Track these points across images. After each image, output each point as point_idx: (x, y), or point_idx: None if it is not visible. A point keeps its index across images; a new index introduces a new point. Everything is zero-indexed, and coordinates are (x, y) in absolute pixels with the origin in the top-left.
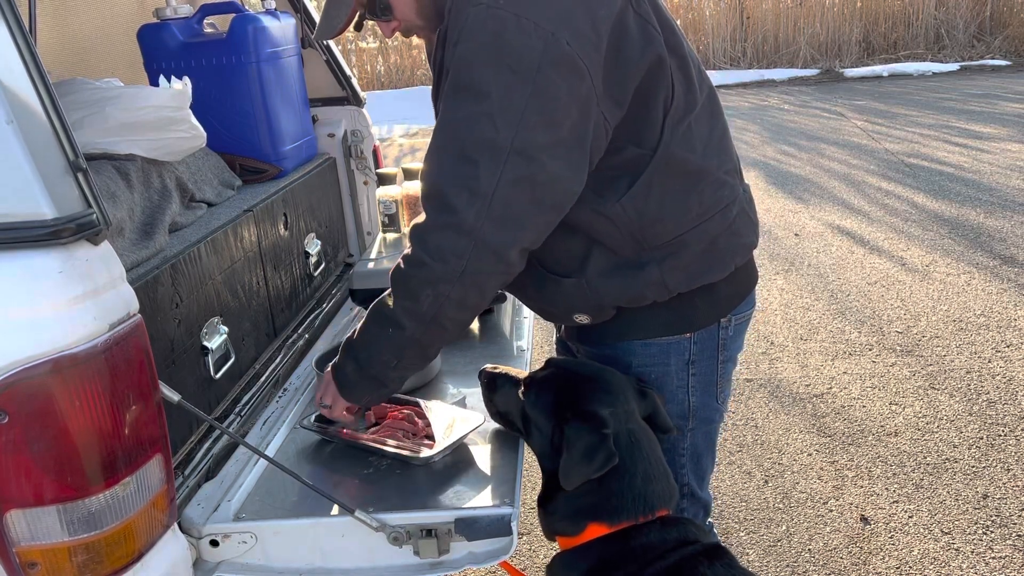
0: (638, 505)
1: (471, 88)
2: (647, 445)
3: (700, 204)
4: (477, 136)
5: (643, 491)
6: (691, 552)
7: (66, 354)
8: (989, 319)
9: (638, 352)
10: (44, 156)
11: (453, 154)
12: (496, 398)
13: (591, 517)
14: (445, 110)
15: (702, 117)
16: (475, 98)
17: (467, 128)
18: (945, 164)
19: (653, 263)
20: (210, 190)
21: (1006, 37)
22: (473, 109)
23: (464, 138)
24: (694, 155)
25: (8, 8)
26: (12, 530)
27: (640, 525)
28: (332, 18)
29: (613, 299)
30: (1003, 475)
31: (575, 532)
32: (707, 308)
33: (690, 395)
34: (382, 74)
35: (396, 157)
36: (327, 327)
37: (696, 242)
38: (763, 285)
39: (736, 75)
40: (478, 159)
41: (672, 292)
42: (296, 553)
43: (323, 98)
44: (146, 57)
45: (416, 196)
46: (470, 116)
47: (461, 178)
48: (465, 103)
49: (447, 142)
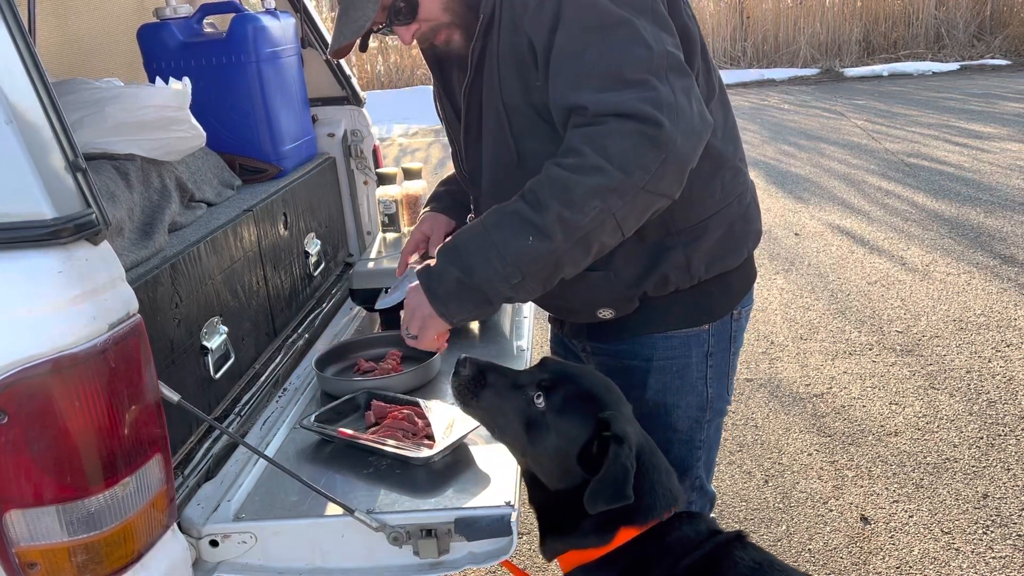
0: (662, 502)
1: (604, 24)
2: (653, 443)
3: (722, 189)
4: (634, 58)
5: (666, 487)
6: (723, 539)
7: (66, 354)
8: (989, 319)
9: (659, 345)
10: (44, 156)
11: (617, 81)
12: (486, 395)
13: (622, 522)
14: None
15: (718, 105)
16: (615, 27)
17: (620, 55)
18: (945, 164)
19: (678, 247)
20: (210, 190)
21: (1006, 36)
22: (615, 39)
23: (623, 64)
24: (717, 140)
25: (8, 8)
26: (12, 530)
27: (667, 521)
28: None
29: (639, 287)
30: (1003, 475)
31: (605, 542)
32: (722, 299)
33: (708, 387)
34: (382, 74)
35: (396, 157)
36: (327, 327)
37: (716, 227)
38: (763, 285)
39: (736, 75)
40: (645, 79)
41: (693, 278)
42: (296, 553)
43: (323, 98)
44: (146, 57)
45: (416, 195)
46: (615, 45)
47: (640, 94)
48: (604, 38)
49: (603, 75)
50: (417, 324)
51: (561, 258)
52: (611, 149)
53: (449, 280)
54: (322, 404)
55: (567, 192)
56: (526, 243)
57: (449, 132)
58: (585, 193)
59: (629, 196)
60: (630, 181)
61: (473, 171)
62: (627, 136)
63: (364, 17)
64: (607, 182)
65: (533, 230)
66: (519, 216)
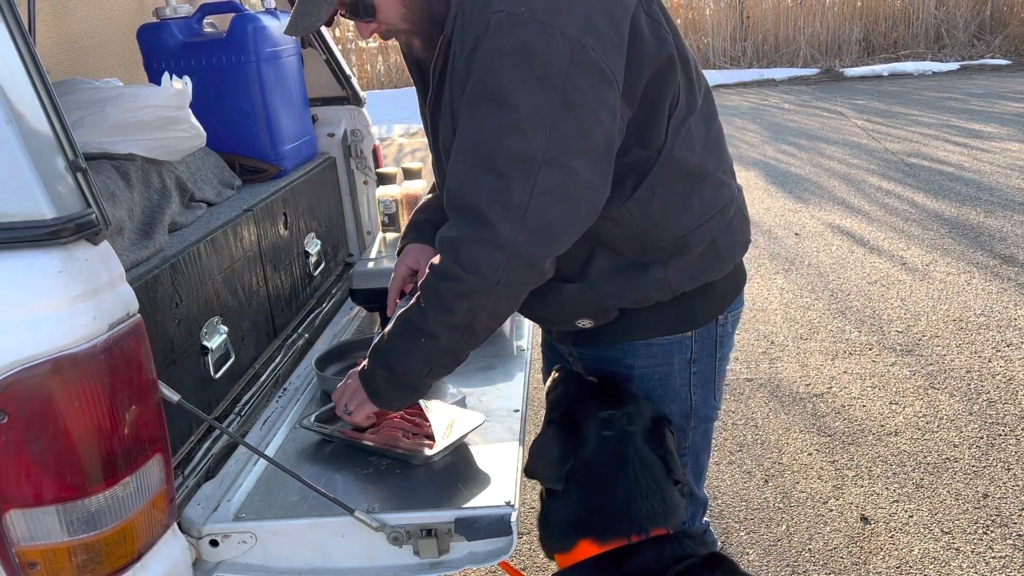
0: (624, 524)
1: (497, 99)
2: (638, 466)
3: (701, 205)
4: (507, 148)
5: (628, 510)
6: (686, 567)
7: (66, 354)
8: (989, 319)
9: (641, 352)
10: (44, 156)
11: (483, 167)
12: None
13: (581, 533)
14: (470, 121)
15: (700, 118)
16: (502, 109)
17: (496, 140)
18: (945, 164)
19: (657, 264)
20: (210, 190)
21: (1006, 36)
22: (501, 120)
23: (493, 150)
24: (695, 156)
25: (8, 8)
26: (12, 530)
27: (632, 546)
28: (310, 14)
29: (618, 301)
30: (1003, 474)
31: (566, 548)
32: (706, 306)
33: (692, 394)
34: (382, 74)
35: (396, 157)
36: (327, 327)
37: (697, 242)
38: (763, 285)
39: (736, 75)
40: (510, 172)
41: (676, 292)
42: (296, 553)
43: (323, 98)
44: (146, 57)
45: (416, 195)
46: (499, 128)
47: (493, 191)
48: (492, 114)
49: (475, 154)
50: (355, 404)
51: (453, 348)
52: (462, 254)
53: (379, 379)
54: (322, 404)
55: (438, 297)
56: (420, 345)
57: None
58: (452, 297)
59: (489, 293)
60: (484, 282)
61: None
62: (473, 243)
63: (318, 14)
64: (465, 287)
65: (422, 334)
66: (411, 323)
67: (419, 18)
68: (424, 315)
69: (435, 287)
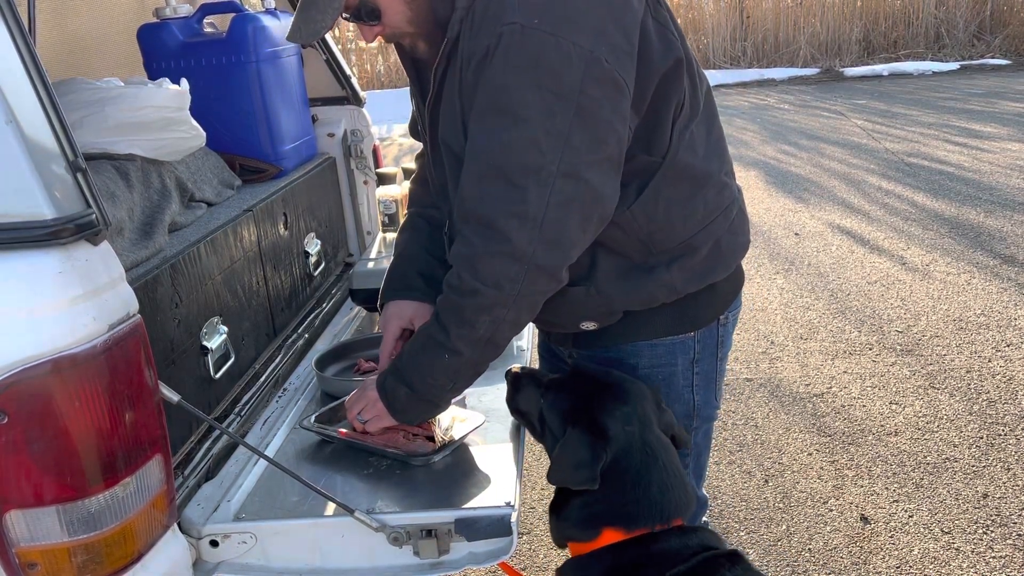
0: (655, 514)
1: (510, 112)
2: (664, 456)
3: (705, 208)
4: (522, 161)
5: (660, 500)
6: (711, 555)
7: (66, 354)
8: (989, 319)
9: (645, 353)
10: (44, 156)
11: (497, 179)
12: (519, 397)
13: (607, 523)
14: (481, 134)
15: (702, 121)
16: (516, 122)
17: (510, 153)
18: (945, 163)
19: (661, 266)
20: (210, 190)
21: (1006, 36)
22: (515, 134)
23: (507, 163)
24: (698, 160)
25: (8, 8)
26: (12, 530)
27: (658, 532)
28: (314, 21)
29: (623, 303)
30: (1003, 474)
31: (590, 538)
32: (709, 306)
33: (695, 394)
34: (382, 74)
35: (396, 157)
36: (327, 327)
37: (702, 244)
38: (763, 285)
39: (736, 75)
40: (525, 184)
41: (681, 293)
42: (296, 553)
43: (323, 98)
44: (146, 57)
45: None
46: (512, 141)
47: (508, 203)
48: (506, 127)
49: (488, 167)
50: (371, 414)
51: (476, 361)
52: (480, 268)
53: (401, 396)
54: (322, 404)
55: (458, 314)
56: (443, 360)
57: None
58: (473, 311)
59: (509, 304)
60: (504, 295)
61: (442, 184)
62: (492, 256)
63: (323, 21)
64: (485, 300)
65: (444, 350)
66: (432, 340)
67: (424, 20)
68: (445, 331)
69: (455, 304)
